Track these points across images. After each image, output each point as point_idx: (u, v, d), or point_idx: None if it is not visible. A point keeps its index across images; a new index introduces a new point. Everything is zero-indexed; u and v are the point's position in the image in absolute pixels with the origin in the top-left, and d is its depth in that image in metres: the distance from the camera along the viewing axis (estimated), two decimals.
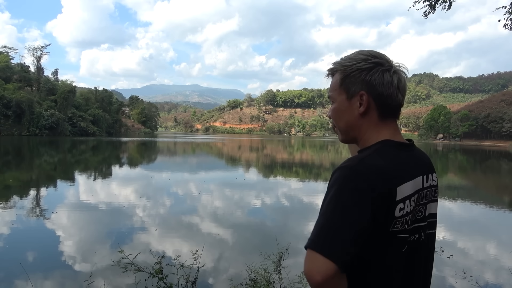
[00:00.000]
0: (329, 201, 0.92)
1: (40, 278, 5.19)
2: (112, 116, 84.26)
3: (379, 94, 1.01)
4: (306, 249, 0.89)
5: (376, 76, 1.00)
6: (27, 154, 28.78)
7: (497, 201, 14.13)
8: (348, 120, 1.07)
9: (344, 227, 0.88)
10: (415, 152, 1.08)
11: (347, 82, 1.05)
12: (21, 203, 10.21)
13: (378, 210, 0.90)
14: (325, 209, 0.92)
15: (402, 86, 1.02)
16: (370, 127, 1.05)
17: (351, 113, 1.06)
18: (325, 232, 0.88)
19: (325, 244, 0.87)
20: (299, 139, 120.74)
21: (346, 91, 1.05)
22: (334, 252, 0.85)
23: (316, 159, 33.89)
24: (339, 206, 0.90)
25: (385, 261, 0.95)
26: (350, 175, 0.92)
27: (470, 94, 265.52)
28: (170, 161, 28.54)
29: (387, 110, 1.03)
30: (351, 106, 1.05)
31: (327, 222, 0.90)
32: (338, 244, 0.86)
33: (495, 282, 5.67)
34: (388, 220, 0.93)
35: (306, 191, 14.61)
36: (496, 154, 53.41)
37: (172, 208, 10.38)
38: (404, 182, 0.96)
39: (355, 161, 0.96)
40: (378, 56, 1.02)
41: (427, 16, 7.04)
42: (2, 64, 66.63)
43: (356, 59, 1.03)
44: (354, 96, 1.04)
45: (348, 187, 0.91)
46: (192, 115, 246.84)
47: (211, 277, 5.47)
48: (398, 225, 0.94)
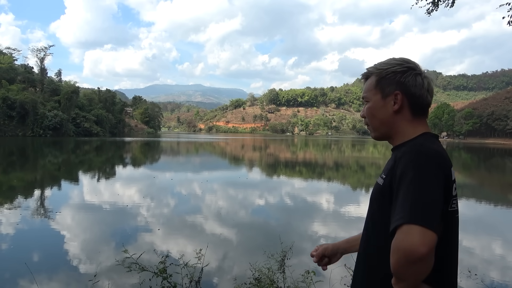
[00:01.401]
0: (411, 182, 0.98)
1: (45, 278, 5.22)
2: (115, 116, 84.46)
3: (412, 94, 1.15)
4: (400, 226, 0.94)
5: (409, 78, 1.15)
6: (31, 155, 28.93)
7: (502, 199, 14.05)
8: (382, 117, 1.20)
9: (434, 202, 0.96)
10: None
11: (382, 83, 1.19)
12: (25, 204, 10.26)
13: (444, 189, 1.02)
14: (410, 190, 0.97)
15: (431, 88, 1.18)
16: (403, 124, 1.18)
17: (385, 111, 1.19)
18: (420, 207, 0.94)
19: (424, 217, 0.92)
20: (302, 138, 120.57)
21: (381, 91, 1.19)
22: (433, 223, 0.92)
23: (320, 158, 33.83)
24: (423, 185, 0.97)
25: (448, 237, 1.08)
26: (423, 158, 1.02)
27: (474, 91, 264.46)
28: (173, 161, 28.60)
29: (418, 109, 1.17)
30: (386, 105, 1.19)
31: (419, 198, 0.96)
32: (434, 216, 0.94)
33: (501, 280, 5.64)
34: (448, 198, 1.05)
35: (310, 190, 14.59)
36: (500, 152, 53.09)
37: (175, 207, 10.41)
38: (451, 165, 1.10)
39: (418, 146, 1.06)
40: (411, 62, 1.17)
41: (430, 14, 7.01)
42: (6, 65, 66.88)
43: (390, 63, 1.18)
44: (388, 95, 1.18)
45: (425, 168, 1.00)
46: (195, 115, 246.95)
47: (215, 276, 5.48)
48: (454, 205, 1.09)
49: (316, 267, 1.61)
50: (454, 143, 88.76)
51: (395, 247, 0.94)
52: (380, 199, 1.13)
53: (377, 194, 1.16)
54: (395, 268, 0.95)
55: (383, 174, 1.14)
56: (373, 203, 1.18)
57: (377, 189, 1.17)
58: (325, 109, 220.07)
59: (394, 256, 0.94)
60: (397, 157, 1.08)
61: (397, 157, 1.08)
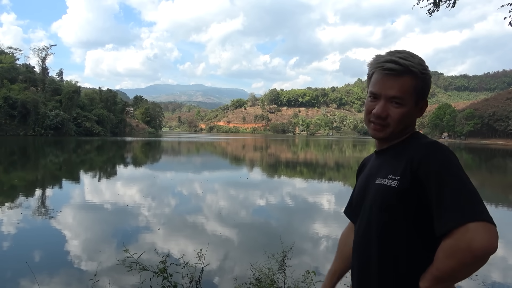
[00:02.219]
0: (455, 173, 0.96)
1: (45, 277, 5.23)
2: (116, 116, 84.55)
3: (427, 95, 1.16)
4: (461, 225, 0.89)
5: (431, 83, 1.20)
6: (33, 154, 28.98)
7: (503, 200, 14.03)
8: (410, 122, 1.15)
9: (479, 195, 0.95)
10: None
11: (424, 90, 1.12)
12: (26, 203, 10.28)
13: None
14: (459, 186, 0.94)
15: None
16: (414, 121, 1.18)
17: (414, 117, 1.15)
18: (478, 203, 0.92)
19: (486, 213, 0.91)
20: (303, 138, 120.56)
21: (420, 98, 1.12)
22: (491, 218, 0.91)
23: (321, 159, 33.82)
24: (467, 179, 0.96)
25: None
26: (452, 154, 1.01)
27: (476, 92, 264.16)
28: (174, 161, 28.62)
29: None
30: (416, 110, 1.14)
31: (473, 195, 0.94)
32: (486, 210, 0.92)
33: (502, 281, 5.63)
34: None
35: (310, 190, 14.58)
36: (502, 152, 52.99)
37: (176, 207, 10.41)
38: None
39: (436, 143, 1.05)
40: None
41: (432, 14, 7.00)
42: (7, 65, 67.05)
43: (423, 64, 1.10)
44: (422, 100, 1.14)
45: (458, 163, 0.99)
46: (196, 115, 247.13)
47: (215, 276, 5.49)
48: None
49: (317, 266, 1.61)
50: (455, 144, 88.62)
51: (457, 248, 0.88)
52: (397, 203, 1.03)
53: (391, 198, 1.04)
54: (456, 270, 0.90)
55: (393, 175, 1.05)
56: (385, 208, 1.06)
57: (389, 193, 1.05)
58: (326, 109, 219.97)
59: (454, 257, 0.89)
60: (413, 155, 1.02)
61: (415, 155, 1.02)
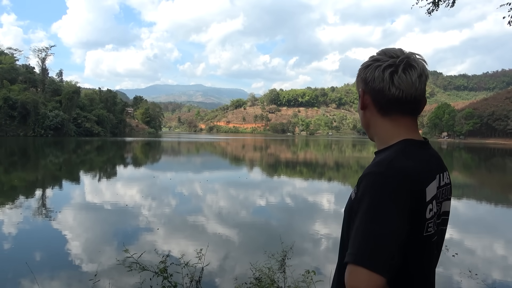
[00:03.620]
0: (366, 211, 0.89)
1: (46, 278, 5.23)
2: (116, 117, 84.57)
3: (372, 89, 1.03)
4: (347, 264, 0.86)
5: (369, 73, 1.02)
6: (33, 155, 28.98)
7: (502, 199, 14.04)
8: (361, 118, 1.13)
9: (387, 237, 0.85)
10: (432, 151, 1.08)
11: (357, 81, 1.11)
12: (26, 203, 10.28)
13: (414, 213, 0.90)
14: (363, 220, 0.88)
15: (398, 79, 0.98)
16: (376, 123, 1.07)
17: (363, 114, 1.11)
18: (369, 245, 0.85)
19: (372, 257, 0.83)
20: (302, 138, 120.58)
21: (357, 90, 1.12)
22: (380, 265, 0.82)
23: (320, 158, 33.83)
24: (377, 215, 0.87)
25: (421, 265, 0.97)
26: (382, 182, 0.90)
27: (475, 92, 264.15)
28: (174, 161, 28.62)
29: (382, 105, 1.03)
30: (359, 104, 1.11)
31: (369, 234, 0.86)
32: (383, 256, 0.83)
33: (502, 280, 5.63)
34: (422, 223, 0.93)
35: (310, 190, 14.59)
36: (501, 152, 53.01)
37: (176, 207, 10.42)
38: (430, 182, 0.96)
39: (384, 165, 0.93)
40: (382, 53, 1.03)
41: (431, 14, 7.01)
42: (7, 65, 67.06)
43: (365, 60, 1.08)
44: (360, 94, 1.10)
45: (382, 195, 0.88)
46: (196, 115, 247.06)
47: (215, 276, 5.49)
48: (431, 228, 0.95)
49: (317, 266, 1.62)
50: (454, 143, 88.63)
51: (345, 283, 0.86)
52: (350, 214, 1.01)
53: (348, 208, 1.04)
54: None
55: (356, 187, 1.01)
56: (345, 215, 1.07)
57: (348, 203, 1.05)
58: (326, 109, 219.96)
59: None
60: (364, 173, 0.97)
61: (364, 173, 0.96)
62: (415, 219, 0.91)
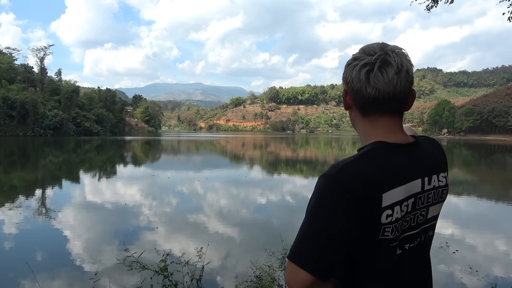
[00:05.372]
0: (309, 211, 0.92)
1: (46, 277, 5.23)
2: (115, 116, 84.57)
3: (351, 89, 1.00)
4: (287, 259, 0.91)
5: (348, 72, 1.00)
6: (32, 154, 28.97)
7: (503, 195, 14.05)
8: (352, 121, 1.11)
9: (321, 238, 0.87)
10: (418, 152, 1.02)
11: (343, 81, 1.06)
12: (26, 203, 10.28)
13: (361, 217, 0.89)
14: (304, 220, 0.92)
15: (374, 78, 0.94)
16: (359, 123, 1.05)
17: (349, 111, 1.09)
18: (303, 243, 0.89)
19: (303, 255, 0.87)
20: (302, 136, 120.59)
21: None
22: (310, 263, 0.86)
23: (320, 156, 33.83)
24: (316, 216, 0.89)
25: (375, 266, 0.95)
26: (329, 184, 0.91)
27: (475, 88, 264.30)
28: (174, 160, 28.61)
29: (362, 105, 1.00)
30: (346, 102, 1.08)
31: (305, 233, 0.90)
32: (314, 255, 0.87)
33: (503, 276, 5.63)
34: (376, 227, 0.91)
35: (311, 188, 14.50)
36: (501, 148, 53.05)
37: (176, 206, 10.41)
38: (392, 187, 0.92)
39: (337, 168, 0.92)
40: (361, 51, 0.99)
41: (430, 10, 6.98)
42: (6, 65, 66.96)
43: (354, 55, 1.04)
44: (343, 94, 1.07)
45: (326, 197, 0.90)
46: (196, 114, 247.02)
47: (216, 274, 5.49)
48: (388, 233, 0.92)
49: None
50: (455, 140, 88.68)
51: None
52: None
53: None
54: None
55: None
56: None
57: None
58: (326, 106, 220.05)
59: None
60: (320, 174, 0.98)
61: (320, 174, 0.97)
62: (365, 223, 0.89)
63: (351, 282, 0.97)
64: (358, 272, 0.96)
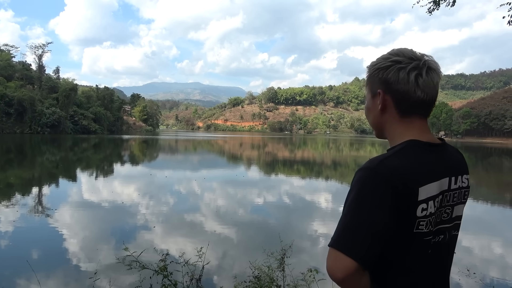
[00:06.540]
0: (350, 202, 0.96)
1: (46, 276, 5.22)
2: (113, 114, 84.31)
3: (395, 91, 1.03)
4: (329, 247, 0.94)
5: (391, 74, 1.02)
6: (29, 152, 28.84)
7: (500, 198, 14.12)
8: (374, 117, 1.13)
9: (364, 227, 0.92)
10: (446, 153, 1.08)
11: (369, 82, 1.11)
12: (24, 201, 10.25)
13: (399, 210, 0.93)
14: (347, 210, 0.96)
15: (423, 82, 1.00)
16: (393, 124, 1.08)
17: (375, 111, 1.11)
18: (347, 232, 0.93)
19: (347, 242, 0.92)
20: (300, 136, 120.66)
21: (370, 90, 1.12)
22: (354, 250, 0.90)
23: (318, 157, 33.87)
24: (360, 206, 0.94)
25: (405, 262, 0.98)
26: (369, 177, 0.95)
27: (472, 91, 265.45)
28: (172, 159, 28.57)
29: (406, 107, 1.04)
30: (375, 104, 1.10)
31: (349, 222, 0.94)
32: (358, 243, 0.91)
33: (500, 278, 5.66)
34: (411, 220, 0.95)
35: (309, 188, 14.61)
36: (498, 151, 53.28)
37: (174, 206, 10.40)
38: (427, 182, 0.97)
39: (375, 162, 0.97)
40: (400, 54, 1.03)
41: (432, 13, 7.00)
42: (3, 62, 66.66)
43: (379, 59, 1.08)
44: (375, 95, 1.09)
45: (368, 189, 0.94)
46: (194, 113, 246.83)
47: (215, 274, 5.49)
48: (423, 226, 0.97)
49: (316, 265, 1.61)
50: (452, 143, 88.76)
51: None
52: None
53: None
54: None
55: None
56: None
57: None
58: (324, 107, 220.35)
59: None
60: (358, 168, 1.03)
61: (358, 168, 1.02)
62: (402, 216, 0.94)
63: (381, 275, 0.99)
64: (392, 267, 0.99)
